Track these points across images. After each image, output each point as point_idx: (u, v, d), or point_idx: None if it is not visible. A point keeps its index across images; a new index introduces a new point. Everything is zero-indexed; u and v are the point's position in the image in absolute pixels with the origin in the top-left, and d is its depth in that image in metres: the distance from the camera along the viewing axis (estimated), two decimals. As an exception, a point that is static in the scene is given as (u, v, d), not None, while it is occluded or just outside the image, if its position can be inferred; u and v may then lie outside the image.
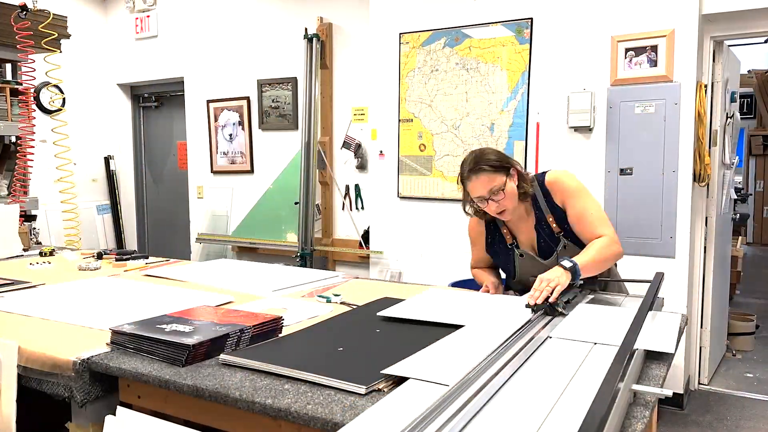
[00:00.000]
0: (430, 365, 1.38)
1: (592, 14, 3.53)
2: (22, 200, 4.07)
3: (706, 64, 3.47)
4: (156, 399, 1.47)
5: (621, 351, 1.30)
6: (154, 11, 5.81)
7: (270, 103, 5.17)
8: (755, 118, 8.24)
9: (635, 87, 3.42)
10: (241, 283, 2.41)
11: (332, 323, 1.83)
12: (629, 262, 3.48)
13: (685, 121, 3.33)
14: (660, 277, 2.02)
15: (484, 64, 3.89)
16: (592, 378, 1.30)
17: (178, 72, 5.71)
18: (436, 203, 4.15)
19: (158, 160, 6.38)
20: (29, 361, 1.59)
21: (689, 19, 3.28)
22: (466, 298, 2.19)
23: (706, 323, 3.71)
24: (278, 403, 1.25)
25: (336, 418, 1.18)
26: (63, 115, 4.76)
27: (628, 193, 3.48)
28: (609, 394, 1.05)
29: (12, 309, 2.03)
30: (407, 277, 4.26)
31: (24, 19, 3.98)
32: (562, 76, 3.65)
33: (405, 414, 1.13)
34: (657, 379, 1.41)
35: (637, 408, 1.22)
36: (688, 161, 3.34)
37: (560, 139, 3.69)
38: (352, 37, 4.70)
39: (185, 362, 1.47)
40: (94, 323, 1.83)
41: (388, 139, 4.32)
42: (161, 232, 6.38)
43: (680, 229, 3.37)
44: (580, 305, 1.93)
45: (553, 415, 1.14)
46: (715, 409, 3.47)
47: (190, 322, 1.66)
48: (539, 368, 1.38)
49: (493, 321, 1.76)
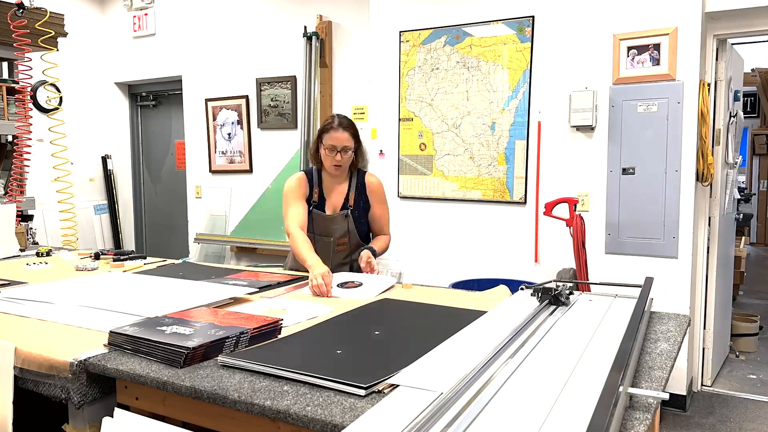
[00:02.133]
0: (428, 370, 1.36)
1: (595, 12, 3.51)
2: (19, 200, 4.03)
3: (709, 62, 3.45)
4: (154, 400, 1.46)
5: (618, 357, 1.30)
6: (152, 9, 5.77)
7: (269, 102, 5.14)
8: (759, 117, 8.23)
9: (638, 86, 3.40)
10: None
11: (331, 325, 1.81)
12: (632, 263, 3.48)
13: (688, 120, 3.30)
14: (650, 283, 2.01)
15: (485, 63, 3.86)
16: (590, 379, 1.29)
17: (176, 70, 5.68)
18: (436, 203, 4.12)
19: (156, 160, 6.34)
20: (26, 362, 1.58)
21: (692, 17, 3.26)
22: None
23: (709, 324, 3.69)
24: (277, 404, 1.24)
25: (336, 420, 1.17)
26: (60, 114, 4.72)
27: (630, 193, 3.46)
28: (609, 406, 1.05)
29: (8, 310, 2.00)
30: (408, 277, 4.23)
31: (21, 17, 3.94)
32: (563, 75, 3.62)
33: (406, 415, 1.12)
34: (659, 381, 1.39)
35: (639, 411, 1.21)
36: (691, 161, 3.32)
37: (562, 138, 3.66)
38: (352, 35, 4.68)
39: (183, 364, 1.46)
40: (92, 324, 1.81)
41: (388, 139, 4.29)
42: (159, 232, 6.35)
43: (683, 229, 3.35)
44: (578, 302, 1.94)
45: (555, 411, 1.13)
46: (719, 411, 3.45)
47: (191, 324, 1.65)
48: (539, 368, 1.36)
49: (495, 320, 1.73)
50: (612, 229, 3.53)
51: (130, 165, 6.35)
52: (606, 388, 1.13)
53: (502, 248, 3.91)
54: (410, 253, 4.24)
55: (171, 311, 1.84)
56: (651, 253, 3.43)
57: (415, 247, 4.22)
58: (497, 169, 3.87)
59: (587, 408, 1.12)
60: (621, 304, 1.95)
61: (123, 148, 6.33)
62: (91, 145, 6.10)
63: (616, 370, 1.23)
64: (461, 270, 4.02)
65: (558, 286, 1.96)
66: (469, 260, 4.02)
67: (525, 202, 3.80)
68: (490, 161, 3.89)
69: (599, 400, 1.09)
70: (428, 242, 4.17)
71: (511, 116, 3.80)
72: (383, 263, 4.37)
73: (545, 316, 1.78)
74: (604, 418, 0.99)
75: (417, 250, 4.21)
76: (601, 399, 1.08)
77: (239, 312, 1.85)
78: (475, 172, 3.94)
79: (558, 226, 3.55)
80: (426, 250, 4.18)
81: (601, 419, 0.99)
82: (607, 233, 3.55)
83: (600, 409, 1.04)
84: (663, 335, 1.72)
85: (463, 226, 4.03)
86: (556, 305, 1.90)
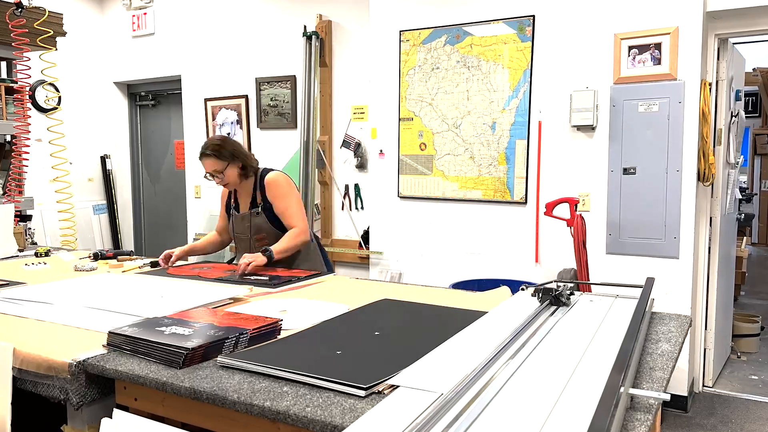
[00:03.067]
0: (429, 371, 1.35)
1: (595, 11, 3.50)
2: (18, 200, 4.01)
3: (710, 62, 3.44)
4: (153, 401, 1.45)
5: (619, 358, 1.29)
6: (151, 8, 5.74)
7: (268, 102, 5.12)
8: (760, 117, 8.22)
9: (639, 85, 3.39)
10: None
11: (331, 325, 1.80)
12: (633, 263, 3.47)
13: (689, 120, 3.29)
14: (651, 284, 2.00)
15: (485, 62, 3.85)
16: (591, 379, 1.29)
17: (176, 70, 5.66)
18: (436, 203, 4.10)
19: (155, 160, 6.32)
20: (24, 363, 1.57)
21: (694, 17, 3.25)
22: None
23: (711, 325, 3.67)
24: (277, 405, 1.24)
25: (335, 421, 1.16)
26: (59, 114, 4.71)
27: (631, 193, 3.45)
28: (609, 407, 1.04)
29: (7, 310, 1.99)
30: (408, 277, 4.22)
31: (19, 17, 3.92)
32: (564, 74, 3.61)
33: (406, 416, 1.11)
34: (660, 381, 1.38)
35: (640, 412, 1.20)
36: (692, 160, 3.30)
37: (562, 138, 3.65)
38: (352, 34, 4.66)
39: (182, 365, 1.45)
40: (90, 325, 1.80)
41: (388, 138, 4.27)
42: (158, 232, 6.33)
43: (684, 229, 3.34)
44: (578, 303, 1.94)
45: (556, 412, 1.12)
46: (720, 411, 3.43)
47: (190, 324, 1.64)
48: (539, 369, 1.36)
49: (496, 321, 1.72)
50: (613, 229, 3.52)
51: (129, 165, 6.33)
52: (607, 389, 1.13)
53: (502, 248, 3.89)
54: (410, 253, 4.23)
55: (169, 312, 1.84)
56: (652, 254, 3.41)
57: (415, 247, 4.20)
58: (498, 169, 3.86)
59: (588, 409, 1.12)
60: (622, 304, 1.94)
61: (122, 147, 6.31)
62: (90, 144, 6.08)
63: (617, 370, 1.22)
64: (461, 270, 4.01)
65: (559, 286, 1.96)
66: (469, 260, 4.01)
67: (526, 202, 3.79)
68: (490, 161, 3.88)
69: (600, 400, 1.09)
70: (428, 242, 4.15)
71: (512, 116, 3.79)
72: (383, 263, 4.36)
73: (546, 317, 1.77)
74: (605, 419, 0.99)
75: (417, 251, 4.20)
76: (601, 400, 1.08)
77: (239, 312, 1.84)
78: (476, 172, 3.93)
79: (559, 226, 3.54)
80: (426, 250, 4.17)
81: (602, 420, 0.99)
82: (608, 233, 3.53)
83: (601, 409, 1.04)
84: (664, 336, 1.71)
85: (463, 226, 4.02)
86: (556, 306, 1.89)
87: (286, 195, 2.86)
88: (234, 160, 2.79)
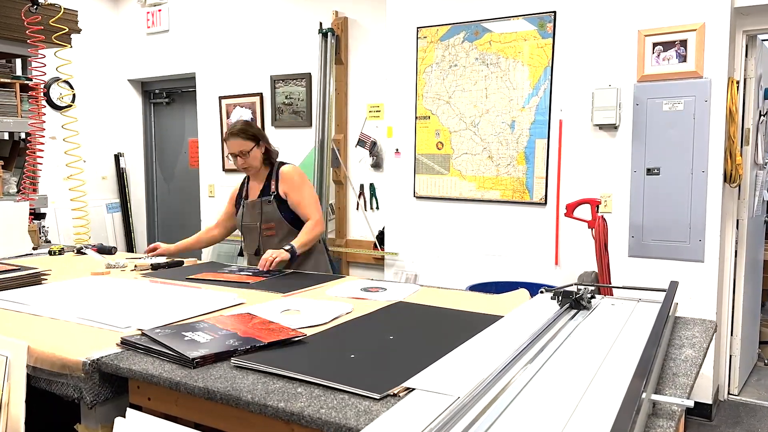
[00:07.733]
0: (445, 374, 1.32)
1: (618, 7, 3.42)
2: (32, 198, 4.00)
3: (738, 59, 3.35)
4: (166, 401, 1.44)
5: (641, 363, 1.26)
6: (166, 5, 5.74)
7: (283, 100, 5.08)
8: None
9: (663, 83, 3.31)
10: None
11: (345, 328, 1.76)
12: (656, 266, 3.39)
13: (715, 119, 3.20)
14: (675, 287, 1.93)
15: (504, 59, 3.78)
16: (612, 385, 1.25)
17: (190, 67, 5.64)
18: (453, 203, 4.04)
19: (169, 158, 6.31)
20: (39, 361, 1.57)
21: (721, 13, 3.16)
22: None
23: (737, 331, 3.58)
24: (291, 406, 1.23)
25: (350, 423, 1.15)
26: (73, 111, 4.68)
27: (655, 194, 3.36)
28: (631, 413, 1.01)
29: (21, 309, 1.98)
30: (423, 279, 4.15)
31: (34, 14, 3.90)
32: (586, 72, 3.54)
33: (422, 419, 1.10)
34: (684, 388, 1.33)
35: (662, 419, 1.17)
36: (718, 161, 3.22)
37: (584, 137, 3.57)
38: (368, 31, 4.61)
39: (194, 366, 1.44)
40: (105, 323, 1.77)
41: (404, 137, 4.21)
42: (171, 231, 6.31)
43: (710, 232, 3.25)
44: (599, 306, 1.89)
45: (575, 418, 1.10)
46: (745, 420, 3.34)
47: (217, 331, 1.64)
48: (559, 373, 1.32)
49: (514, 324, 1.68)
50: (636, 231, 3.43)
51: (142, 163, 6.32)
52: (628, 395, 1.10)
53: (521, 250, 3.82)
54: (426, 254, 4.16)
55: (171, 318, 1.80)
56: (676, 257, 3.33)
57: (432, 248, 4.14)
58: (517, 169, 3.78)
59: (609, 415, 1.10)
60: (644, 308, 1.89)
61: (136, 146, 6.30)
62: (104, 142, 6.08)
63: (638, 376, 1.19)
64: (479, 272, 3.94)
65: (579, 289, 1.91)
66: (487, 262, 3.94)
67: (545, 202, 3.71)
68: (509, 161, 3.80)
69: (621, 406, 1.06)
70: (445, 243, 4.09)
71: (532, 114, 3.71)
72: (398, 264, 4.30)
73: (566, 321, 1.73)
74: (626, 425, 0.96)
75: (433, 252, 4.13)
76: (623, 406, 1.05)
77: (271, 322, 1.75)
78: (494, 172, 3.86)
79: (579, 227, 3.46)
80: (442, 251, 4.10)
81: (623, 426, 0.96)
82: (631, 235, 3.45)
83: (622, 415, 1.01)
84: (688, 341, 1.65)
85: (480, 227, 3.95)
86: (577, 309, 1.84)
87: (301, 186, 2.88)
88: (260, 143, 2.86)
